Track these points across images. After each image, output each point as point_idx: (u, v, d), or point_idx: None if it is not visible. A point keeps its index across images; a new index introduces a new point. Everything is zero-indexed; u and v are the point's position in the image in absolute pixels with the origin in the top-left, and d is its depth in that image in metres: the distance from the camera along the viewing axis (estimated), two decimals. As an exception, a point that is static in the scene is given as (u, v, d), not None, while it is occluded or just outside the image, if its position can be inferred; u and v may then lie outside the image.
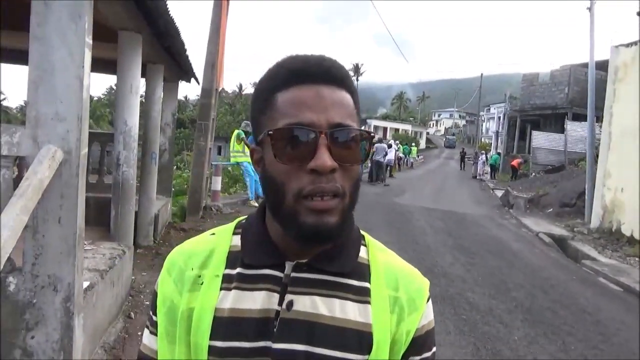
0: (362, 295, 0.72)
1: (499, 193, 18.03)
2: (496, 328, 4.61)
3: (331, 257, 0.73)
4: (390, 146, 21.48)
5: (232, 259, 0.74)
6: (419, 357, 0.76)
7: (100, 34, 4.19)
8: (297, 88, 0.68)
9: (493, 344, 4.21)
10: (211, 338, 0.69)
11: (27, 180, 2.21)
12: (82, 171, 2.56)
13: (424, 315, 0.76)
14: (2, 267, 1.99)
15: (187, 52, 6.27)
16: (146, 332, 0.80)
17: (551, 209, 13.12)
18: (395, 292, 0.75)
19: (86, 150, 2.64)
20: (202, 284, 0.73)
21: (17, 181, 2.37)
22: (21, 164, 2.50)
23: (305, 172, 0.65)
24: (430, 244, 8.23)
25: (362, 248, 0.78)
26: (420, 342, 0.76)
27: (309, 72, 0.68)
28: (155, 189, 6.63)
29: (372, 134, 0.71)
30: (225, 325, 0.69)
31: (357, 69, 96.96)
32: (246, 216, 0.82)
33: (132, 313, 4.07)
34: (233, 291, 0.71)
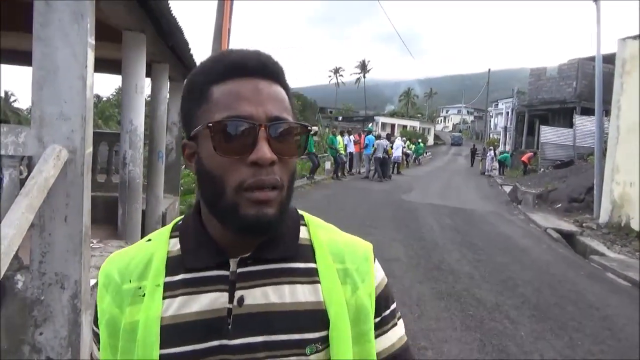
0: (310, 276, 0.73)
1: (508, 189, 17.91)
2: (503, 324, 4.60)
3: (272, 245, 0.73)
4: (389, 139, 21.20)
5: (172, 265, 0.73)
6: (388, 310, 0.79)
7: (104, 34, 4.24)
8: (235, 81, 0.68)
9: (499, 340, 4.20)
10: (163, 347, 0.68)
11: (32, 179, 2.24)
12: (87, 170, 2.60)
13: (376, 275, 0.78)
14: (8, 265, 2.02)
15: (192, 51, 6.30)
16: (93, 344, 0.79)
17: (560, 205, 13.02)
18: (343, 264, 0.76)
19: (91, 149, 2.67)
20: (143, 295, 0.71)
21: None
22: (31, 164, 2.53)
23: (245, 165, 0.66)
24: (437, 241, 8.21)
25: (303, 228, 0.79)
26: (384, 297, 0.78)
27: (246, 66, 0.69)
28: (163, 187, 6.68)
29: (309, 127, 0.72)
30: (175, 331, 0.68)
31: (363, 66, 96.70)
32: (182, 217, 0.80)
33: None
34: (179, 298, 0.70)
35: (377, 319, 0.77)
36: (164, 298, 0.70)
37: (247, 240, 0.71)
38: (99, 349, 0.76)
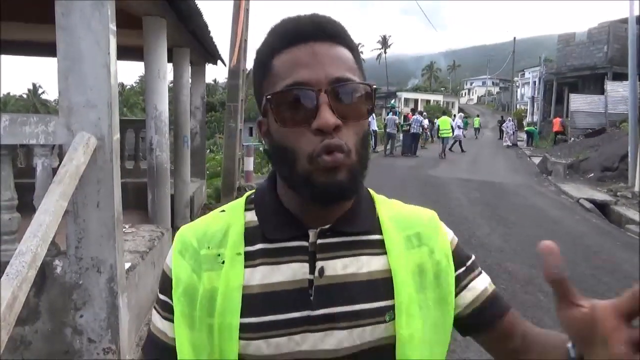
0: (381, 247, 0.75)
1: (537, 160, 17.52)
2: (536, 297, 4.54)
3: (351, 218, 0.74)
4: (421, 116, 20.86)
5: (250, 236, 0.73)
6: (470, 261, 0.81)
7: (125, 21, 4.25)
8: (291, 49, 0.67)
9: (533, 313, 4.15)
10: (243, 316, 0.68)
11: (64, 167, 2.29)
12: (115, 156, 2.63)
13: (447, 233, 0.81)
14: (46, 251, 2.08)
15: (211, 34, 6.28)
16: (155, 313, 0.77)
17: (592, 174, 12.67)
18: (413, 229, 0.78)
19: (118, 135, 2.71)
20: (222, 262, 0.71)
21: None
22: (62, 153, 2.58)
23: (312, 133, 0.65)
24: (467, 216, 8.11)
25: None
26: (460, 251, 0.80)
27: (300, 31, 0.68)
28: (189, 171, 6.77)
29: (373, 86, 0.69)
30: (259, 301, 0.68)
31: (384, 42, 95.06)
32: (253, 191, 0.81)
33: (173, 292, 4.21)
34: (260, 267, 0.70)
35: (461, 270, 0.78)
36: (244, 267, 0.71)
37: (323, 209, 0.71)
38: (160, 317, 0.75)
